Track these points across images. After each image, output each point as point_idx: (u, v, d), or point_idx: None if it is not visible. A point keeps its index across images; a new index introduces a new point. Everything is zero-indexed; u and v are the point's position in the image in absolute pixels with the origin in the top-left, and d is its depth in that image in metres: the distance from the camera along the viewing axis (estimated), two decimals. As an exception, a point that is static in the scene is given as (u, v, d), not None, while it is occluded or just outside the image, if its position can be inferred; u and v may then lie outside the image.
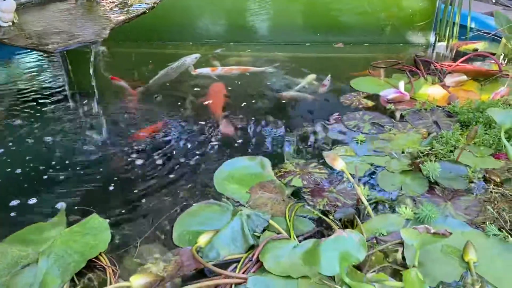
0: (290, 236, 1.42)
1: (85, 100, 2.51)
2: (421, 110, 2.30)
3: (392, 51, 3.26)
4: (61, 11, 2.54)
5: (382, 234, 1.41)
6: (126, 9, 2.54)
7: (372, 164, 1.83)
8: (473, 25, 3.40)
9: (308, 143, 2.06)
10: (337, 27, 3.42)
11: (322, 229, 1.49)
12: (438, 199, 1.61)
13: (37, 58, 3.19)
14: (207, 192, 1.71)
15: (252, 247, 1.39)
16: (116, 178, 1.80)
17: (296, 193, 1.69)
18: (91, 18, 2.44)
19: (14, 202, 1.66)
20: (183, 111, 2.40)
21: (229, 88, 2.65)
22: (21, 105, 2.47)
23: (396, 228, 1.42)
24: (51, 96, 2.58)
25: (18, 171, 1.86)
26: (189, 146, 2.04)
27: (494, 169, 1.74)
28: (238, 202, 1.63)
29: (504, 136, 1.66)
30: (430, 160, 1.76)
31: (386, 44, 3.42)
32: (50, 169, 1.87)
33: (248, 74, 2.89)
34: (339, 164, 1.61)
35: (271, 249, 1.34)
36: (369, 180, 1.75)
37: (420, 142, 1.98)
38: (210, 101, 2.49)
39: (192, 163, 1.91)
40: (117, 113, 2.41)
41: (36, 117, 2.34)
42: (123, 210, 1.61)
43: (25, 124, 2.26)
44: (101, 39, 2.04)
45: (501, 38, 2.93)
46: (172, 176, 1.82)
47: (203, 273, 1.33)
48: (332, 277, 1.23)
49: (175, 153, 1.99)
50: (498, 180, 1.66)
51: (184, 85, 2.74)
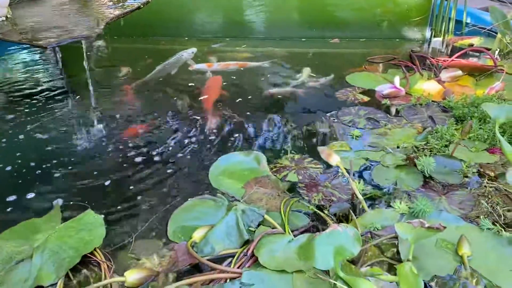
0: (285, 231, 1.42)
1: (79, 95, 2.50)
2: (416, 105, 2.30)
3: (388, 47, 3.26)
4: (55, 6, 2.53)
5: (377, 229, 1.41)
6: (121, 4, 2.53)
7: (367, 159, 1.84)
8: (468, 20, 3.40)
9: (303, 138, 2.06)
10: (333, 23, 3.42)
11: (317, 224, 1.49)
12: (433, 193, 1.61)
13: (31, 52, 3.17)
14: (202, 187, 1.70)
15: (247, 242, 1.39)
16: (111, 174, 1.80)
17: (292, 188, 1.69)
18: (85, 13, 2.42)
19: (10, 198, 1.66)
20: (180, 105, 2.40)
21: (225, 83, 2.65)
22: (15, 100, 2.46)
23: (391, 223, 1.42)
24: (45, 91, 2.56)
25: (8, 168, 1.85)
26: (185, 141, 2.03)
27: (488, 163, 1.75)
28: (233, 197, 1.63)
29: (499, 131, 1.66)
30: (425, 155, 1.76)
31: (382, 39, 3.42)
32: (44, 165, 1.86)
33: (243, 69, 2.88)
34: (334, 159, 1.60)
35: (266, 244, 1.34)
36: (364, 175, 1.75)
37: (415, 137, 1.98)
38: (206, 96, 2.49)
39: (188, 157, 1.91)
40: (112, 108, 2.40)
41: (29, 112, 2.32)
42: (118, 206, 1.61)
43: (18, 119, 2.24)
44: (95, 34, 2.03)
45: (497, 33, 2.94)
46: (167, 171, 1.82)
47: (198, 268, 1.33)
48: (326, 272, 1.24)
49: (170, 148, 1.98)
50: (492, 174, 1.67)
51: (179, 80, 2.73)
